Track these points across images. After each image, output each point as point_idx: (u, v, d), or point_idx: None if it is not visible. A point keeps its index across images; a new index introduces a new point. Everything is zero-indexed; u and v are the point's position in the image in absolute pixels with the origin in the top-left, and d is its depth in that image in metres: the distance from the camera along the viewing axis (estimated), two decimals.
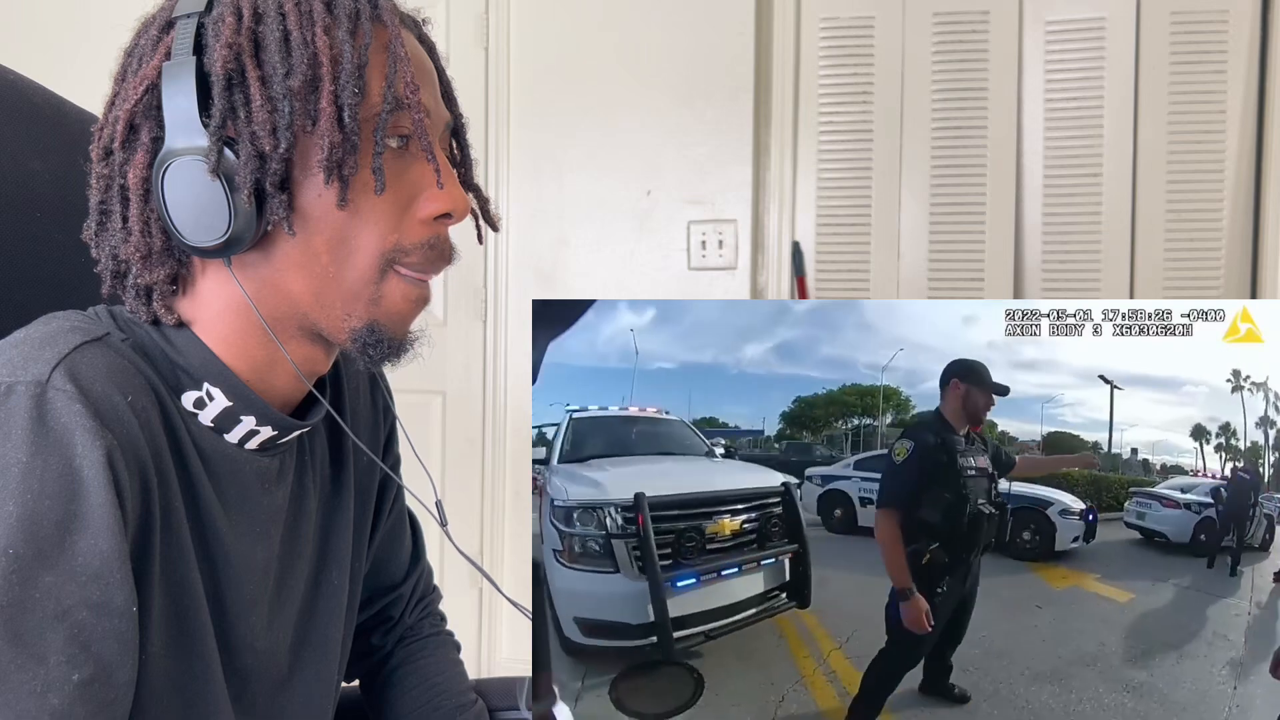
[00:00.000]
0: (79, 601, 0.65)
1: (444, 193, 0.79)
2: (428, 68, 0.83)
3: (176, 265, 0.78)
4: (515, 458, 2.95)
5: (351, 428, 0.95)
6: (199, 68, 0.73)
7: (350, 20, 0.76)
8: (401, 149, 0.78)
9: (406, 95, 0.76)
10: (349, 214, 0.76)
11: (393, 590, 1.12)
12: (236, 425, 0.80)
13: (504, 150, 2.93)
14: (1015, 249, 2.78)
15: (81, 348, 0.70)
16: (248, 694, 0.85)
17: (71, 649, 0.65)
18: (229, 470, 0.80)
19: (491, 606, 2.95)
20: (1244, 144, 2.65)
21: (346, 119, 0.74)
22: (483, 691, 1.13)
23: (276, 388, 0.82)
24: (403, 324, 0.81)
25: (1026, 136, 2.77)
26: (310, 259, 0.77)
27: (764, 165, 2.88)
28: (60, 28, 3.06)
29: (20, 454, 0.65)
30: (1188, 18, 2.65)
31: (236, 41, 0.73)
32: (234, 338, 0.79)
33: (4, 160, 0.92)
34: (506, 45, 2.93)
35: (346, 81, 0.74)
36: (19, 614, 0.64)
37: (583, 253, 2.93)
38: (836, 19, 2.83)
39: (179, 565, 0.75)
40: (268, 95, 0.73)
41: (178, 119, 0.74)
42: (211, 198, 0.73)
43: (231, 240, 0.74)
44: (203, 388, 0.78)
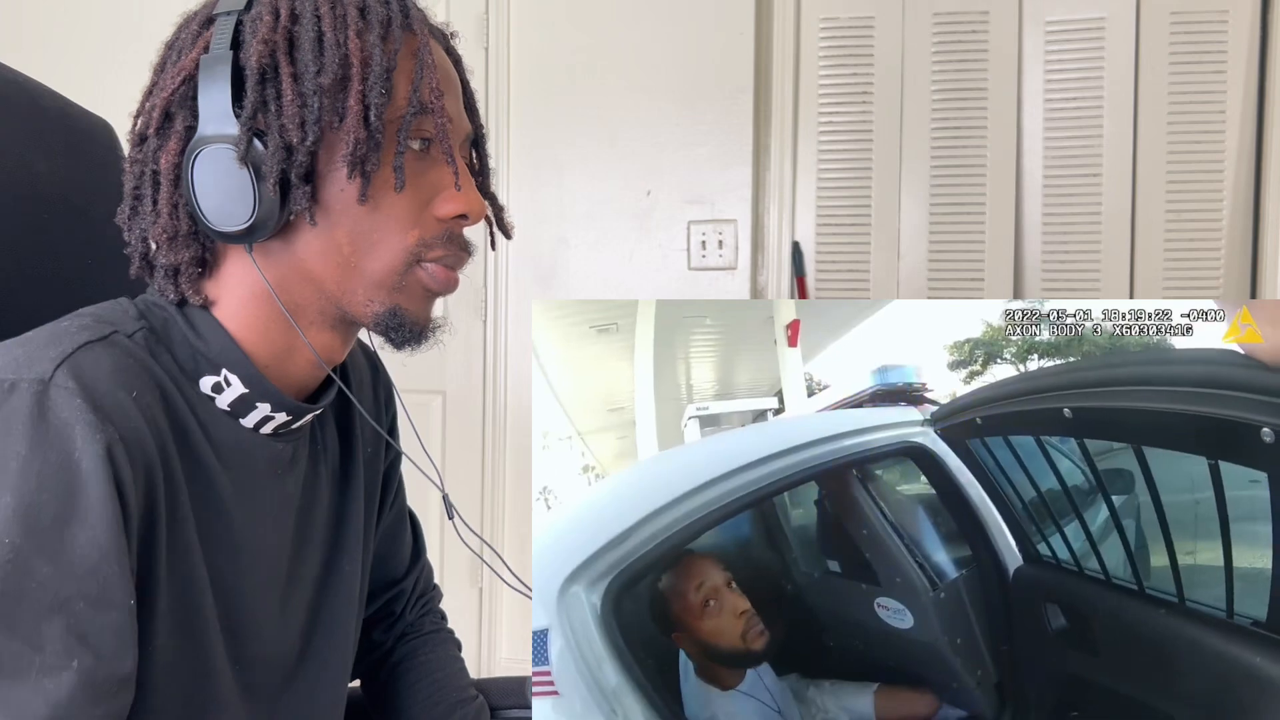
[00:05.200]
0: (76, 594, 0.67)
1: (461, 195, 0.82)
2: (453, 78, 0.86)
3: (200, 249, 0.81)
4: (515, 457, 2.95)
5: (357, 420, 0.97)
6: (235, 62, 0.77)
7: (382, 26, 0.80)
8: (423, 152, 0.82)
9: (431, 100, 0.80)
10: (369, 209, 0.79)
11: (395, 585, 1.13)
12: (252, 411, 0.82)
13: (504, 150, 2.93)
14: (1015, 249, 2.78)
15: (85, 346, 0.72)
16: (258, 682, 0.86)
17: (69, 640, 0.66)
18: (241, 457, 0.82)
19: (491, 606, 2.95)
20: (1244, 144, 2.65)
21: (372, 118, 0.77)
22: (483, 690, 1.13)
23: (292, 373, 0.85)
24: (425, 309, 0.84)
25: (1026, 136, 2.76)
26: (332, 249, 0.80)
27: (764, 165, 2.88)
28: (66, 30, 3.06)
29: (20, 447, 0.66)
30: (1188, 18, 2.65)
31: (272, 39, 0.77)
32: (256, 323, 0.82)
33: (10, 161, 0.93)
34: (506, 45, 2.92)
35: (375, 83, 0.77)
36: (15, 604, 0.65)
37: (583, 253, 2.93)
38: (836, 19, 2.83)
39: (186, 558, 0.77)
40: (299, 91, 0.77)
41: (211, 109, 0.77)
42: (238, 185, 0.76)
43: (255, 227, 0.77)
44: (220, 373, 0.81)
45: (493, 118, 2.92)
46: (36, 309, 0.80)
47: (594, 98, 2.89)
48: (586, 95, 2.89)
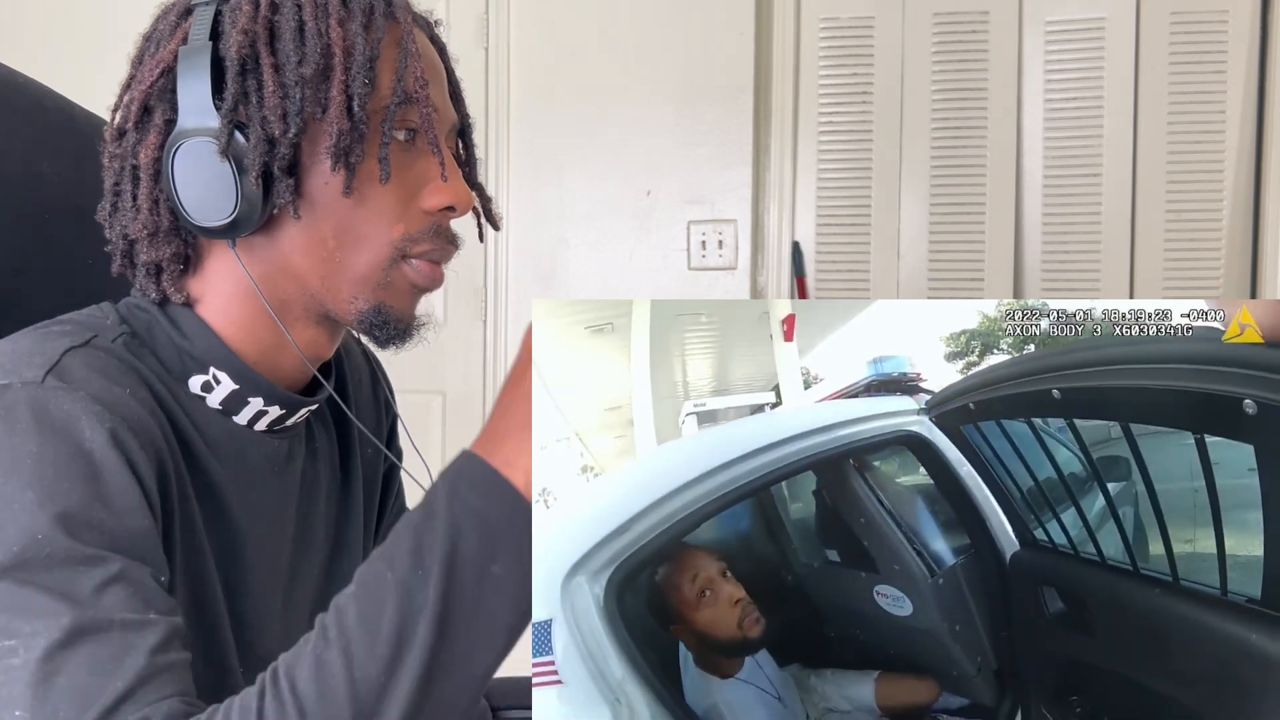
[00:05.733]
0: (126, 565, 0.65)
1: (448, 186, 0.80)
2: (438, 67, 0.84)
3: (182, 245, 0.80)
4: None
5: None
6: (214, 53, 0.75)
7: (364, 14, 0.78)
8: (409, 143, 0.80)
9: (415, 90, 0.78)
10: (354, 202, 0.77)
11: None
12: (245, 407, 0.81)
13: (504, 150, 2.93)
14: (1015, 249, 2.78)
15: (70, 352, 0.71)
16: None
17: (135, 601, 0.65)
18: (237, 454, 0.81)
19: None
20: (1244, 144, 2.65)
21: (355, 108, 0.76)
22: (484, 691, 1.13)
23: (283, 369, 0.84)
24: (410, 306, 0.83)
25: (1026, 136, 2.76)
26: (317, 244, 0.78)
27: (764, 165, 2.88)
28: (69, 31, 3.06)
29: (30, 445, 0.65)
30: (1188, 18, 2.65)
31: (253, 28, 0.75)
32: (241, 320, 0.81)
33: (14, 162, 0.93)
34: (506, 45, 2.93)
35: (358, 73, 0.76)
36: (71, 582, 0.63)
37: (583, 253, 2.93)
38: (836, 19, 2.83)
39: (197, 553, 0.76)
40: (280, 82, 0.75)
41: (191, 102, 0.75)
42: (219, 179, 0.75)
43: (237, 221, 0.76)
44: (209, 371, 0.79)
45: (493, 118, 2.92)
46: (40, 310, 0.80)
47: (594, 98, 2.89)
48: (586, 95, 2.89)
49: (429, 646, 0.61)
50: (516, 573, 0.63)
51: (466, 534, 0.63)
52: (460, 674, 0.63)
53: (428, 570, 0.62)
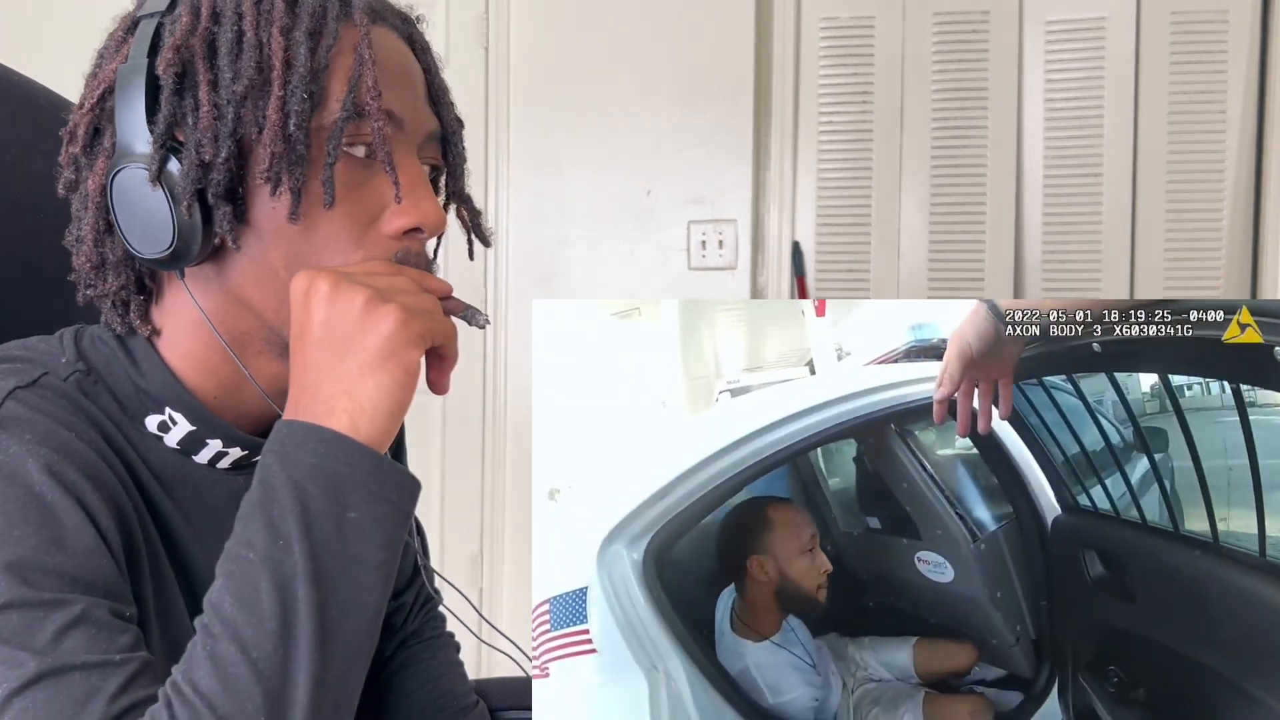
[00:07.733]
0: (88, 607, 0.63)
1: (409, 206, 0.73)
2: (410, 71, 0.77)
3: (136, 276, 0.75)
4: (515, 458, 2.93)
5: None
6: (149, 70, 0.70)
7: (313, 19, 0.71)
8: (369, 159, 0.73)
9: (367, 101, 0.70)
10: (303, 229, 0.71)
11: (395, 599, 1.09)
12: (203, 448, 0.77)
13: (504, 150, 2.92)
14: (1015, 249, 2.78)
15: (13, 395, 0.68)
16: None
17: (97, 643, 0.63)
18: (194, 494, 0.78)
19: (491, 607, 2.92)
20: (1244, 144, 2.66)
21: (292, 127, 0.69)
22: (483, 692, 1.12)
23: (247, 404, 0.78)
24: None
25: (1026, 136, 2.77)
26: (268, 274, 0.73)
27: (764, 165, 2.88)
28: (64, 29, 3.05)
29: None
30: (1188, 18, 2.66)
31: (188, 44, 0.70)
32: (199, 354, 0.76)
33: (8, 161, 0.92)
34: (506, 45, 2.92)
35: (297, 86, 0.69)
36: (31, 630, 0.61)
37: (583, 252, 2.92)
38: (836, 19, 2.84)
39: (166, 591, 0.74)
40: (214, 101, 0.69)
41: (127, 125, 0.70)
42: (156, 208, 0.70)
43: (177, 253, 0.70)
44: (165, 411, 0.75)
45: (492, 117, 2.91)
46: (36, 311, 0.78)
47: (594, 98, 2.89)
48: (586, 95, 2.89)
49: (313, 605, 0.61)
50: (372, 511, 0.64)
51: (311, 491, 0.63)
52: (352, 621, 0.63)
53: (287, 537, 0.62)
